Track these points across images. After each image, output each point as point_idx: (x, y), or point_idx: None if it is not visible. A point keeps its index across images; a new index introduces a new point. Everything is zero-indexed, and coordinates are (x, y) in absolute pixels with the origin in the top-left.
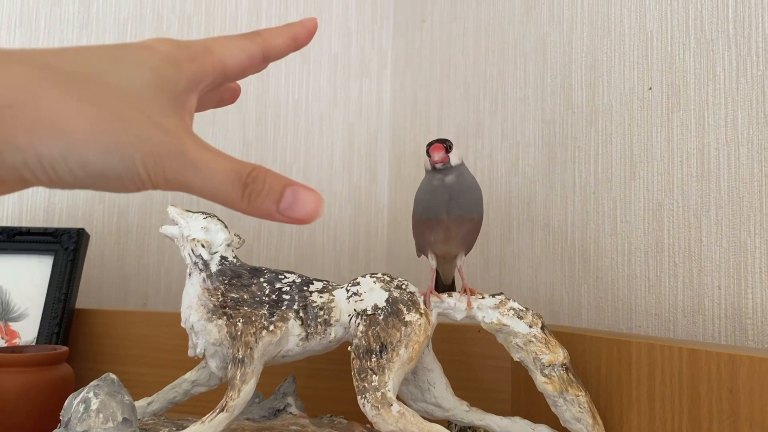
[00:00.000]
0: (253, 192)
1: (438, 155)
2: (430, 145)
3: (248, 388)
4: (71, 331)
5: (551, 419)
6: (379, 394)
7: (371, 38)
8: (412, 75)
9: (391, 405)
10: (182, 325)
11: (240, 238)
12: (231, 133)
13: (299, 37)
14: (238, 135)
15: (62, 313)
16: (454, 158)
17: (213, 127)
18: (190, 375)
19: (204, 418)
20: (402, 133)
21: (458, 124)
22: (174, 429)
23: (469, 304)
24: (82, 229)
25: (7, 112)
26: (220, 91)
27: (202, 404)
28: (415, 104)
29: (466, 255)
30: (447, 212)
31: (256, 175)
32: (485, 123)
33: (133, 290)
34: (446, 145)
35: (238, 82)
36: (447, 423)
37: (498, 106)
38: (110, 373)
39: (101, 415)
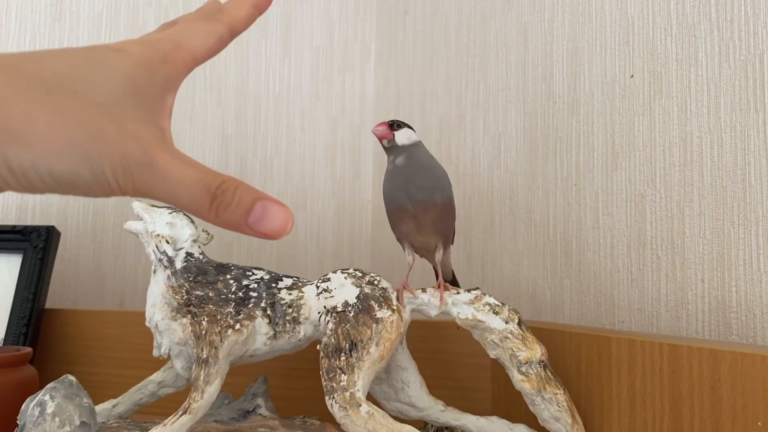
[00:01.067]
0: (221, 204)
1: (379, 129)
2: None
3: (212, 390)
4: (41, 331)
5: (532, 418)
6: (347, 394)
7: (354, 31)
8: (395, 68)
9: (360, 405)
10: (147, 324)
11: (208, 234)
12: (210, 129)
13: (260, 2)
14: (217, 130)
15: (30, 313)
16: (402, 138)
17: (191, 122)
18: (156, 376)
19: (166, 421)
20: None
21: (441, 117)
22: None
23: (441, 299)
24: (53, 227)
25: None
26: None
27: (174, 405)
28: (398, 98)
29: (446, 247)
30: (409, 199)
31: (226, 188)
32: (467, 115)
33: (110, 289)
34: (391, 123)
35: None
36: (423, 423)
37: (480, 98)
38: (69, 375)
39: (57, 419)
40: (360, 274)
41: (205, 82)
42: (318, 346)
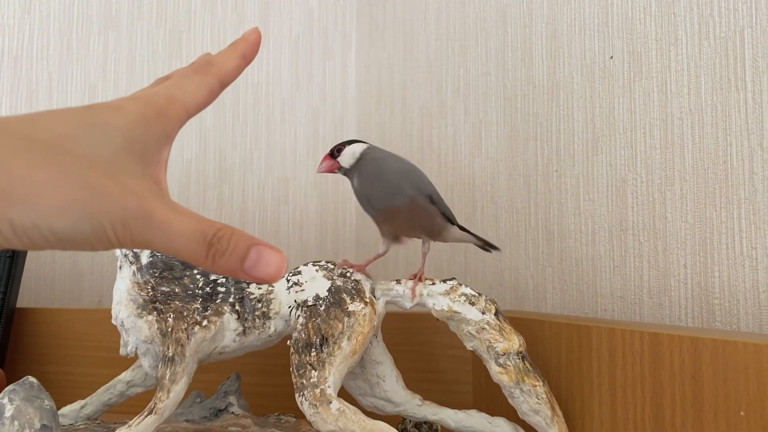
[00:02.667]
0: (217, 252)
1: (322, 166)
2: None
3: (179, 389)
4: (12, 331)
5: (514, 411)
6: (317, 390)
7: (334, 19)
8: (376, 56)
9: (331, 402)
10: (113, 321)
11: None
12: (187, 123)
13: (247, 53)
14: (195, 124)
15: (1, 312)
16: (347, 160)
17: None
18: (125, 375)
19: (131, 422)
20: (368, 118)
21: (422, 104)
22: None
23: (413, 292)
24: None
25: None
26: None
27: (145, 404)
28: (379, 86)
29: (433, 238)
30: (376, 211)
31: (221, 236)
32: (448, 102)
33: (87, 287)
34: (331, 152)
35: None
36: (401, 419)
37: (460, 84)
38: (29, 377)
39: (16, 423)
40: (332, 266)
41: None
42: (288, 342)
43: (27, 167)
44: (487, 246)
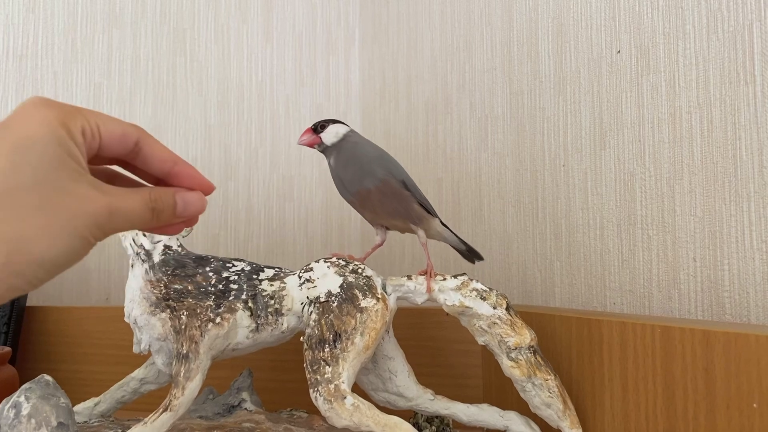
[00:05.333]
0: (158, 211)
1: (303, 138)
2: None
3: (193, 386)
4: (22, 329)
5: (524, 405)
6: (332, 386)
7: (337, 14)
8: (379, 51)
9: (345, 398)
10: (126, 320)
11: None
12: (192, 119)
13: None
14: (200, 120)
15: (11, 311)
16: (329, 137)
17: (173, 113)
18: (137, 373)
19: (147, 419)
20: (372, 113)
21: (427, 100)
22: (120, 431)
23: (428, 288)
24: None
25: None
26: None
27: (160, 402)
28: (383, 82)
29: (420, 226)
30: (349, 193)
31: (155, 197)
32: (453, 97)
33: (95, 285)
34: (314, 126)
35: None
36: (412, 413)
37: (466, 79)
38: (45, 375)
39: (33, 421)
40: (343, 263)
41: (186, 71)
42: (301, 338)
43: (7, 224)
44: (469, 253)
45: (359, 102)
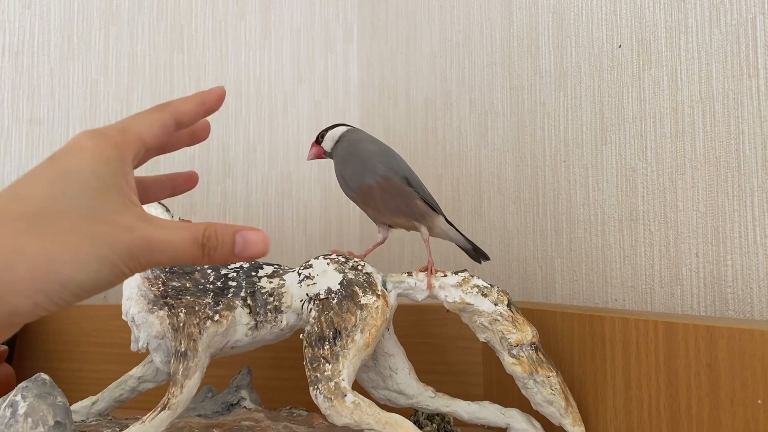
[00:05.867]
0: (210, 249)
1: (311, 153)
2: None
3: (192, 384)
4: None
5: (525, 402)
6: (332, 384)
7: (335, 10)
8: (378, 48)
9: (345, 395)
10: (123, 317)
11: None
12: None
13: (207, 101)
14: None
15: None
16: (329, 143)
17: None
18: (135, 371)
19: (145, 417)
20: (371, 110)
21: (426, 96)
22: (117, 429)
23: (429, 284)
24: None
25: (10, 272)
26: (174, 182)
27: (158, 400)
28: (382, 78)
29: (424, 223)
30: (351, 190)
31: (209, 234)
32: (453, 93)
33: None
34: (316, 139)
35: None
36: (413, 411)
37: (465, 75)
38: (42, 373)
39: (30, 420)
40: (343, 260)
41: (183, 68)
42: (301, 336)
43: (34, 243)
44: (476, 253)
45: (358, 99)
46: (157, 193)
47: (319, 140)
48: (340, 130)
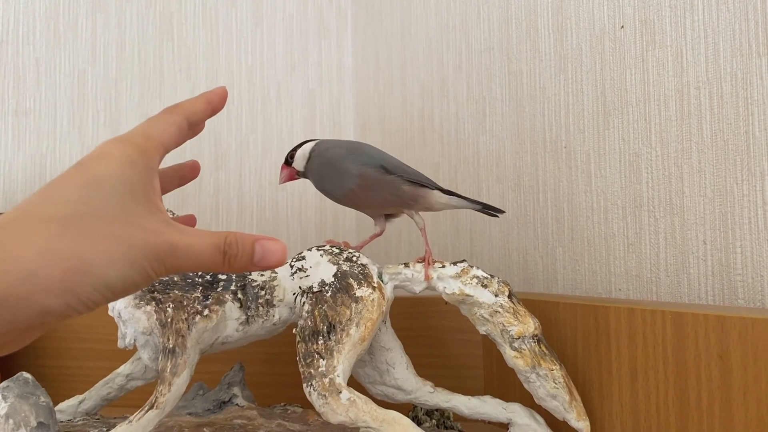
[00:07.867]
0: (231, 257)
1: (282, 177)
2: None
3: (180, 381)
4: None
5: (527, 396)
6: (326, 380)
7: None
8: (373, 34)
9: (340, 392)
10: (109, 313)
11: (173, 214)
12: None
13: (213, 100)
14: None
15: None
16: (300, 163)
17: (160, 99)
18: (124, 368)
19: (132, 417)
20: (366, 98)
21: (422, 82)
22: (104, 429)
23: (426, 275)
24: None
25: (43, 271)
26: (180, 174)
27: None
28: (377, 65)
29: (411, 208)
30: (338, 198)
31: (230, 242)
32: (450, 79)
33: None
34: (285, 161)
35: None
36: (412, 407)
37: (462, 60)
38: (24, 372)
39: (11, 421)
40: (337, 251)
41: (173, 56)
42: (294, 330)
43: (68, 245)
44: (487, 210)
45: (353, 87)
46: (166, 187)
47: (288, 161)
48: (309, 145)
